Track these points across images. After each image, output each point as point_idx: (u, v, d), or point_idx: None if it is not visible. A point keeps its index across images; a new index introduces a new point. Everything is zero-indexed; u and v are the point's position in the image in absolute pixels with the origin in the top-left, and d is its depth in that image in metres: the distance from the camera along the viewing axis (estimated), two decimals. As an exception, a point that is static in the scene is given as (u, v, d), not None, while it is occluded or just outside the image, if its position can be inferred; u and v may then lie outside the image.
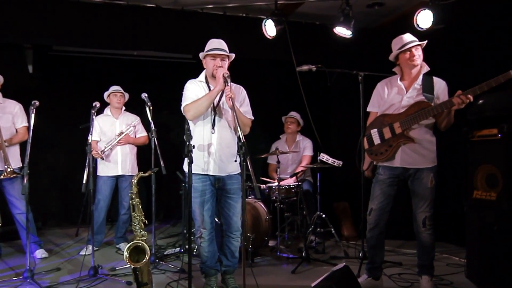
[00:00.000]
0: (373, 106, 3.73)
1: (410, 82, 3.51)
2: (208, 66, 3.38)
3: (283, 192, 4.82)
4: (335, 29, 5.02)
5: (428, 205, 3.43)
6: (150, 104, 4.44)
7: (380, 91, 3.66)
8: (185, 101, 3.35)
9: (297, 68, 4.31)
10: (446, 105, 3.25)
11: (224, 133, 3.37)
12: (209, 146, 3.33)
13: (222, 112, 3.37)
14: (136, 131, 5.02)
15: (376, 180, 3.62)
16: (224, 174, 3.38)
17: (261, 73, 6.53)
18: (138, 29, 5.11)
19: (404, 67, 3.53)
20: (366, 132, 3.67)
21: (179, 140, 5.54)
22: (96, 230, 4.79)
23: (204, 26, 5.23)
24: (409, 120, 3.38)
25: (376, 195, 3.57)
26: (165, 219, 6.80)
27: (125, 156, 4.90)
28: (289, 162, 5.55)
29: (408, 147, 3.44)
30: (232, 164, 3.39)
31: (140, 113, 4.98)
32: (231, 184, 3.40)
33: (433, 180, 3.42)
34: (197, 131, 3.34)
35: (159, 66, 6.79)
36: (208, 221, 3.35)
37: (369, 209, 3.61)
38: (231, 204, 3.42)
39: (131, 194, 3.36)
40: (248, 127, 3.41)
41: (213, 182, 3.38)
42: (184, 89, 3.42)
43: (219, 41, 3.41)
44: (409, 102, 3.45)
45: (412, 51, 3.43)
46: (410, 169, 3.46)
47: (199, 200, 3.33)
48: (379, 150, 3.55)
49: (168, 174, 4.44)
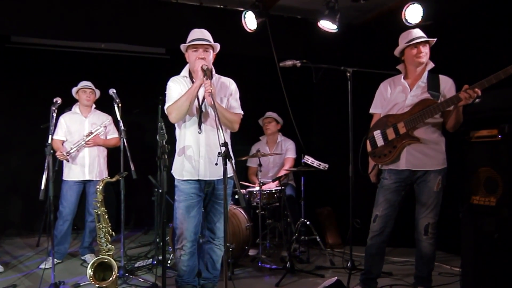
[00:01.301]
0: (375, 108, 3.59)
1: (414, 80, 3.37)
2: (190, 60, 3.13)
3: (265, 197, 4.59)
4: (320, 23, 4.88)
5: (432, 211, 3.27)
6: (118, 101, 4.15)
7: (383, 91, 3.53)
8: (167, 103, 3.11)
9: (281, 64, 4.11)
10: (452, 101, 3.08)
11: (212, 133, 3.11)
12: (197, 148, 3.09)
13: (208, 110, 3.12)
14: (107, 132, 4.74)
15: (381, 185, 3.45)
16: (216, 177, 3.13)
17: (239, 69, 6.22)
18: (105, 20, 4.84)
19: (408, 63, 3.38)
20: (369, 134, 3.52)
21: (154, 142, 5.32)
22: (59, 241, 4.52)
23: (178, 18, 4.99)
24: (414, 119, 3.22)
25: (381, 201, 3.40)
26: (136, 226, 6.49)
27: (93, 159, 4.61)
28: (271, 165, 5.32)
29: (414, 148, 3.27)
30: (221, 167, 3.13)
31: (109, 112, 4.72)
32: (221, 189, 3.15)
33: (440, 184, 3.26)
34: (182, 133, 3.12)
35: (130, 61, 6.50)
36: (191, 231, 3.08)
37: (373, 215, 3.43)
38: (219, 210, 3.18)
39: (95, 203, 3.06)
40: (236, 124, 3.18)
41: (203, 187, 3.13)
42: (167, 88, 3.17)
43: (201, 30, 3.16)
44: (414, 100, 3.30)
45: (419, 47, 3.29)
46: (417, 171, 3.30)
47: (184, 205, 3.06)
48: (383, 152, 3.38)
49: (140, 178, 4.17)
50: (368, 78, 3.90)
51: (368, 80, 3.88)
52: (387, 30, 5.42)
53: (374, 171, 3.57)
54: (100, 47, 6.18)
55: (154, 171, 5.16)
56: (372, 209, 3.52)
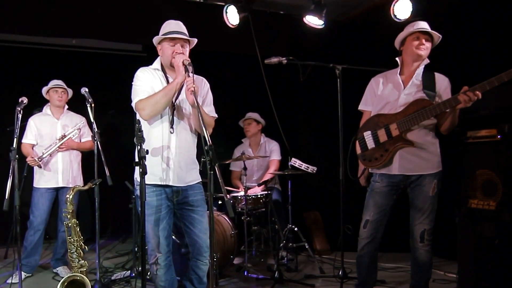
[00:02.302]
0: (365, 104, 3.41)
1: (408, 77, 3.20)
2: (165, 53, 2.88)
3: (251, 202, 4.41)
4: (305, 19, 4.76)
5: (427, 217, 3.12)
6: (91, 100, 3.91)
7: (374, 86, 3.35)
8: (137, 95, 2.81)
9: (266, 61, 3.94)
10: (450, 103, 2.93)
11: (184, 134, 2.89)
12: (167, 150, 2.84)
13: (181, 108, 2.89)
14: (81, 135, 4.52)
15: (371, 188, 3.28)
16: (183, 184, 2.89)
17: (219, 67, 6.12)
18: (77, 14, 4.57)
19: (406, 55, 3.21)
20: (358, 134, 3.33)
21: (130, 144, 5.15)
22: (29, 252, 4.29)
23: (155, 12, 4.75)
24: (408, 121, 3.06)
25: (371, 205, 3.24)
26: (113, 234, 6.28)
27: (67, 165, 4.39)
28: (255, 168, 5.15)
29: (407, 152, 3.12)
30: (192, 172, 2.94)
31: (81, 113, 4.51)
32: (193, 195, 2.92)
33: (435, 188, 3.11)
34: (152, 132, 2.85)
35: (104, 59, 6.28)
36: (163, 244, 2.85)
37: (363, 220, 3.27)
38: (196, 219, 2.92)
39: (65, 214, 2.82)
40: (210, 128, 2.93)
41: (170, 196, 2.89)
42: (134, 79, 2.88)
43: (177, 22, 2.92)
44: (408, 99, 3.14)
45: (422, 39, 3.12)
46: (411, 176, 3.14)
47: (153, 218, 2.82)
48: (374, 155, 3.21)
49: (117, 183, 3.96)
50: (357, 76, 3.76)
51: (357, 78, 3.75)
52: (374, 27, 5.41)
53: (364, 175, 3.40)
54: (72, 43, 5.96)
55: (132, 176, 4.98)
56: (357, 211, 3.38)
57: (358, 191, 3.62)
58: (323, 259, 4.82)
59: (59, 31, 4.73)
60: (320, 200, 5.37)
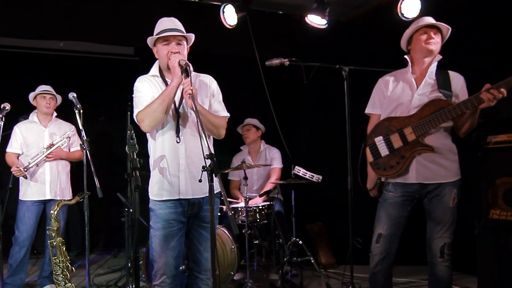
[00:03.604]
0: (373, 107, 3.20)
1: (420, 75, 3.01)
2: (160, 55, 2.69)
3: (252, 214, 4.22)
4: (307, 18, 4.63)
5: (448, 230, 2.91)
6: (79, 106, 3.76)
7: (383, 87, 3.14)
8: (136, 108, 2.65)
9: (267, 63, 3.79)
10: (472, 103, 2.73)
11: (193, 142, 2.67)
12: (176, 161, 2.64)
13: (187, 114, 2.69)
14: (70, 144, 4.42)
15: (384, 198, 3.06)
16: (201, 195, 2.69)
17: (216, 70, 5.91)
18: (64, 15, 4.45)
19: (415, 53, 3.02)
20: (368, 140, 3.12)
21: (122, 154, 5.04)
22: (14, 270, 4.12)
23: (147, 12, 4.57)
24: (425, 124, 2.86)
25: (384, 217, 3.03)
26: (104, 248, 6.12)
27: (55, 175, 4.27)
28: (255, 177, 4.96)
29: (425, 158, 2.91)
30: None
31: (70, 120, 4.38)
32: (208, 210, 2.68)
33: (455, 198, 2.91)
34: (157, 145, 2.68)
35: (94, 63, 6.17)
36: (172, 265, 2.63)
37: (375, 234, 3.05)
38: (204, 236, 2.71)
39: (50, 232, 2.62)
40: (222, 129, 2.77)
41: (186, 210, 2.68)
42: (134, 90, 2.71)
43: (170, 19, 2.74)
44: (422, 100, 2.94)
45: (430, 33, 2.93)
46: (429, 185, 2.93)
47: (161, 234, 2.60)
48: (388, 163, 2.99)
49: (108, 195, 3.80)
50: (362, 77, 3.61)
51: (362, 79, 3.60)
52: (379, 27, 5.27)
53: (376, 186, 3.19)
54: (59, 46, 5.82)
55: (124, 187, 4.82)
56: (370, 224, 3.16)
57: (366, 201, 3.40)
58: (329, 274, 4.66)
59: (45, 33, 4.61)
60: (324, 210, 5.22)
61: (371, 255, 3.08)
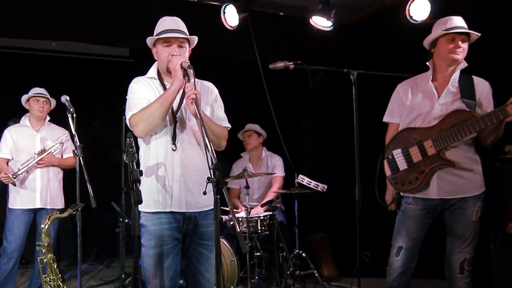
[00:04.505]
0: (392, 116, 3.09)
1: (443, 83, 2.89)
2: (160, 57, 2.56)
3: (253, 225, 4.13)
4: (312, 20, 4.58)
5: (469, 245, 2.82)
6: (73, 110, 3.62)
7: (402, 95, 3.02)
8: (130, 110, 2.50)
9: (270, 66, 3.67)
10: (497, 116, 2.61)
11: (190, 150, 2.54)
12: (171, 170, 2.49)
13: (185, 120, 2.56)
14: (63, 150, 4.35)
15: (404, 210, 2.96)
16: (195, 209, 2.53)
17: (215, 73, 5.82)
18: (57, 14, 4.37)
19: (439, 58, 2.89)
20: (387, 153, 3.01)
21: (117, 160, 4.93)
22: (2, 282, 4.08)
23: (144, 12, 4.52)
24: (446, 137, 2.75)
25: (405, 230, 2.92)
26: (97, 258, 6.03)
27: (46, 183, 4.19)
28: (255, 186, 4.84)
29: (447, 172, 2.80)
30: (206, 195, 2.57)
31: (62, 124, 4.31)
32: (206, 226, 2.55)
33: (479, 212, 2.81)
34: (151, 151, 2.53)
35: (88, 65, 6.11)
36: (168, 287, 2.48)
37: (395, 247, 2.95)
38: (204, 255, 2.55)
39: (40, 248, 2.49)
40: (224, 140, 2.64)
41: (181, 225, 2.53)
42: (128, 91, 2.57)
43: (173, 19, 2.60)
44: (443, 110, 2.82)
45: (457, 41, 2.80)
46: (451, 199, 2.83)
47: (155, 252, 2.44)
48: (407, 178, 2.89)
49: (102, 203, 3.64)
50: (369, 82, 3.52)
51: (369, 84, 3.55)
52: (385, 29, 5.22)
53: (395, 200, 3.06)
54: (52, 47, 5.75)
55: (118, 195, 4.70)
56: (376, 236, 3.16)
57: (372, 212, 3.33)
58: (332, 287, 4.56)
59: (36, 33, 4.53)
60: (327, 221, 5.12)
61: (389, 269, 2.98)
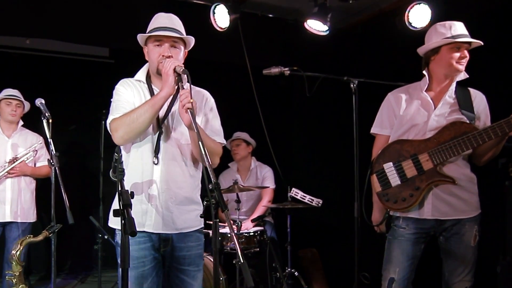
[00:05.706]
0: (382, 127, 2.92)
1: (439, 93, 2.76)
2: (151, 57, 2.38)
3: (243, 242, 3.96)
4: (307, 23, 4.51)
5: (469, 272, 2.69)
6: (48, 115, 3.50)
7: (394, 104, 2.87)
8: (111, 114, 2.33)
9: (264, 71, 3.49)
10: (502, 129, 2.50)
11: (172, 166, 2.36)
12: (149, 186, 2.31)
13: (170, 130, 2.38)
14: (36, 158, 4.25)
15: (394, 235, 2.79)
16: (171, 231, 2.35)
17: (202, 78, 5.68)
18: (30, 8, 4.23)
19: (440, 67, 2.74)
20: (376, 166, 2.83)
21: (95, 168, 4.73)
22: None
23: (126, 10, 4.40)
24: (445, 150, 2.61)
25: (396, 258, 2.76)
26: (71, 271, 5.80)
27: (17, 194, 4.11)
28: (244, 198, 4.63)
29: (443, 190, 2.66)
30: (186, 216, 2.39)
31: (37, 130, 4.20)
32: (185, 249, 2.38)
33: (477, 236, 2.68)
34: (130, 161, 2.36)
35: (64, 65, 5.91)
36: None
37: (387, 279, 2.78)
38: (185, 282, 2.39)
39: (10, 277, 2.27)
40: (217, 157, 2.45)
41: (157, 245, 2.36)
42: (113, 93, 2.40)
43: (169, 15, 2.43)
44: (440, 122, 2.70)
45: (463, 50, 2.67)
46: (446, 221, 2.69)
47: (132, 275, 2.26)
48: (400, 195, 2.72)
49: (79, 216, 3.54)
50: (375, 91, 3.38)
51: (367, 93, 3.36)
52: (380, 35, 5.15)
53: (384, 221, 2.89)
54: (26, 44, 5.56)
55: (96, 206, 4.49)
56: (374, 255, 2.96)
57: (370, 230, 3.14)
58: (324, 306, 4.40)
59: (9, 29, 4.35)
60: (320, 237, 5.04)
61: None
